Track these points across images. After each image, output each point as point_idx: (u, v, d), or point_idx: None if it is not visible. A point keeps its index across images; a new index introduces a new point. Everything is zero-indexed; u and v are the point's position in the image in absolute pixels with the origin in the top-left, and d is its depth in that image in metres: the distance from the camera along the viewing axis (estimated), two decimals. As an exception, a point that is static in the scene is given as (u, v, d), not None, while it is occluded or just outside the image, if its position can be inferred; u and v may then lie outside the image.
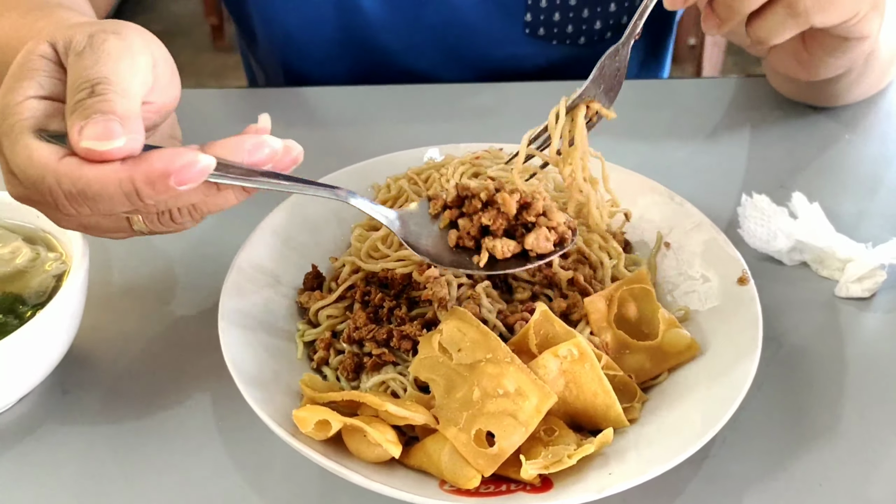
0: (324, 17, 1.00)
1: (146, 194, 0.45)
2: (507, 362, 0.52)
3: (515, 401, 0.51)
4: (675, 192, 0.70)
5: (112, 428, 0.59)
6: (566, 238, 0.58)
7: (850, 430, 0.58)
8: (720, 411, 0.52)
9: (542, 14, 0.98)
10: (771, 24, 0.62)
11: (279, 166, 0.50)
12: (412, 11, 0.99)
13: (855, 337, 0.65)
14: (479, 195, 0.58)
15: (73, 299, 0.57)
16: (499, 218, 0.57)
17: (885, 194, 0.79)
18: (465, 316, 0.56)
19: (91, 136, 0.44)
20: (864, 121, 0.89)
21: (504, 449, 0.50)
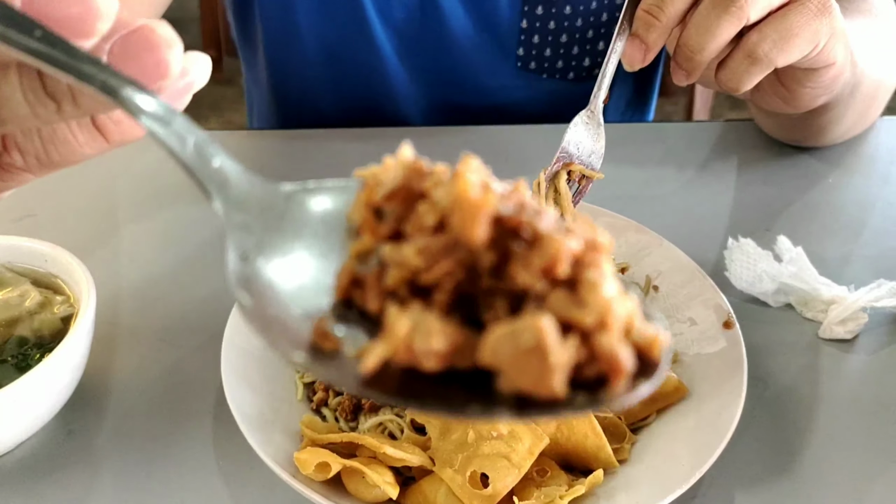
0: (337, 32, 1.02)
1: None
2: None
3: (509, 443, 0.53)
4: (662, 235, 0.72)
5: (116, 467, 0.60)
6: (614, 368, 0.28)
7: (834, 469, 0.59)
8: (707, 453, 0.54)
9: (534, 49, 1.02)
10: (736, 73, 0.64)
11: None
12: (414, 35, 1.02)
13: (838, 377, 0.67)
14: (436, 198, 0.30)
15: (81, 343, 0.59)
16: (450, 257, 0.29)
17: (867, 237, 0.81)
18: None
19: None
20: (848, 165, 0.91)
21: (498, 490, 0.51)
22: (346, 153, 0.96)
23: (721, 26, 0.61)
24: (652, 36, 0.62)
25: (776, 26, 0.62)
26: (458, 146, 0.95)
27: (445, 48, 1.02)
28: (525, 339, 0.26)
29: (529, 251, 0.28)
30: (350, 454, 0.55)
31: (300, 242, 0.34)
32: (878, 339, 0.70)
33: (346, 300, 0.31)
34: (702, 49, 0.62)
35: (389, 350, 0.27)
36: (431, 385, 0.27)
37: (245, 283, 0.31)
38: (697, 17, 0.61)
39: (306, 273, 0.33)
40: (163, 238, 0.83)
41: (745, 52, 0.63)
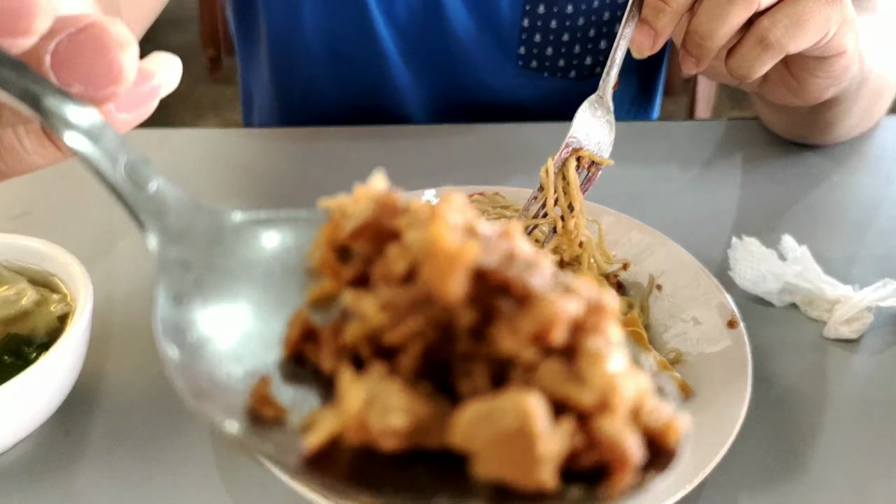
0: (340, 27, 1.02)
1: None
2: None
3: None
4: (666, 233, 0.71)
5: (113, 468, 0.60)
6: (617, 458, 0.24)
7: (839, 470, 0.59)
8: (710, 453, 0.53)
9: (536, 48, 1.01)
10: (747, 60, 0.64)
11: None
12: (416, 34, 1.02)
13: (843, 377, 0.66)
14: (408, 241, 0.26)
15: (77, 342, 0.58)
16: (419, 313, 0.24)
17: (872, 236, 0.81)
18: None
19: None
20: (853, 162, 0.91)
21: None
22: (347, 151, 0.95)
23: (732, 12, 0.60)
24: (661, 21, 0.62)
25: (787, 12, 0.61)
26: (460, 144, 0.95)
27: (447, 47, 1.02)
28: (507, 420, 0.21)
29: (518, 312, 0.23)
30: None
31: (248, 284, 0.29)
32: (884, 338, 0.69)
33: (297, 355, 0.27)
34: (712, 35, 0.62)
35: (339, 426, 0.23)
36: (391, 467, 0.23)
37: (175, 332, 0.28)
38: (708, 3, 0.61)
39: (252, 321, 0.28)
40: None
41: (756, 38, 0.62)
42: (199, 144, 0.99)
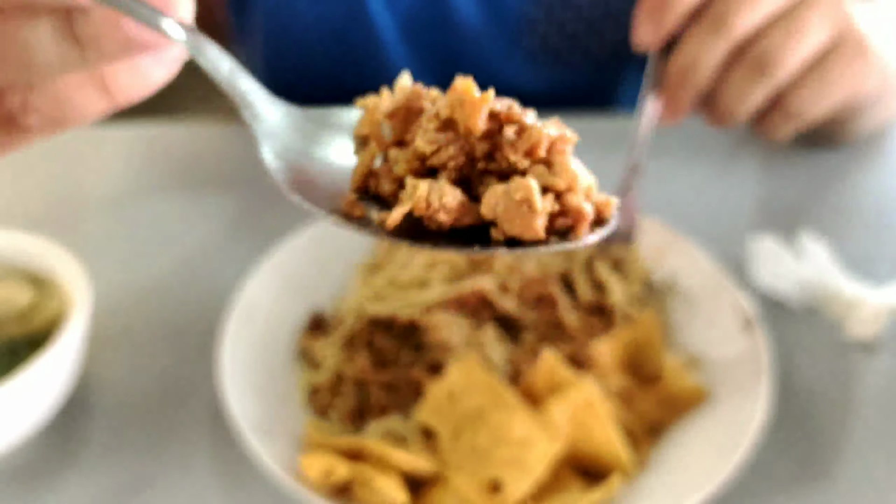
0: (338, 28, 1.01)
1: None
2: (514, 408, 0.52)
3: (523, 447, 0.50)
4: (683, 234, 0.70)
5: (112, 472, 0.58)
6: (579, 218, 0.35)
7: (863, 475, 0.57)
8: (728, 459, 0.52)
9: (543, 39, 1.00)
10: (773, 129, 0.64)
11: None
12: (420, 25, 1.00)
13: (862, 379, 0.64)
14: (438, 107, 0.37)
15: (75, 342, 0.57)
16: (453, 145, 0.35)
17: (891, 235, 0.79)
18: (472, 361, 0.56)
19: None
20: (871, 160, 0.89)
21: (511, 497, 0.49)
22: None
23: (755, 92, 0.60)
24: (686, 95, 0.61)
25: (811, 80, 0.61)
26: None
27: (453, 39, 1.01)
28: (517, 193, 0.33)
29: (517, 138, 0.35)
30: (357, 457, 0.53)
31: (317, 147, 0.40)
32: (903, 339, 0.67)
33: (362, 189, 0.37)
34: (738, 114, 0.62)
35: (411, 206, 0.33)
36: (441, 237, 0.34)
37: (280, 166, 0.38)
38: (731, 82, 0.61)
39: (326, 169, 0.39)
40: (160, 236, 0.81)
41: (782, 111, 0.62)
42: (200, 139, 0.98)
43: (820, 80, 0.60)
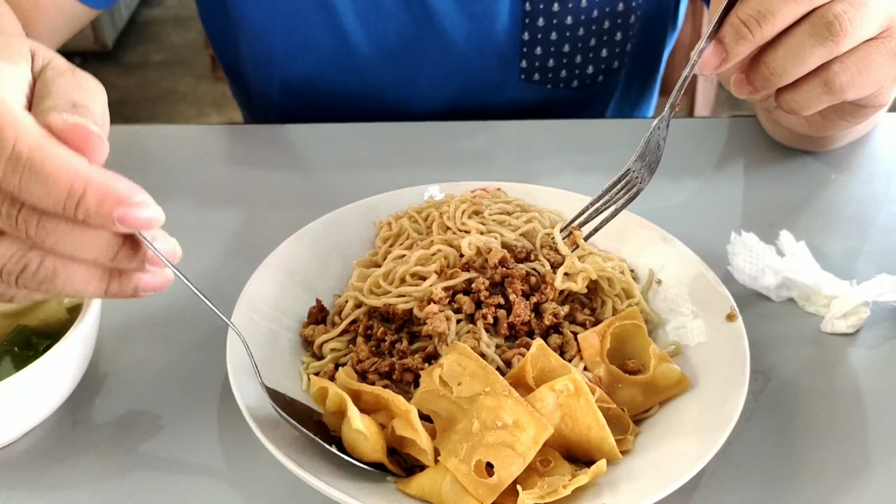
0: (323, 71, 1.03)
1: (85, 207, 0.42)
2: (506, 395, 0.55)
3: (513, 432, 0.53)
4: (666, 230, 0.72)
5: (121, 458, 0.61)
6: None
7: (834, 461, 0.60)
8: (709, 444, 0.54)
9: (537, 60, 1.02)
10: (805, 98, 0.63)
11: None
12: (412, 65, 1.02)
13: (839, 371, 0.67)
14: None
15: (86, 334, 0.59)
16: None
17: (869, 233, 0.81)
18: (465, 350, 0.58)
19: (75, 120, 0.42)
20: (851, 161, 0.92)
21: (503, 479, 0.52)
22: (351, 147, 0.96)
23: (814, 55, 0.60)
24: (739, 48, 0.60)
25: (857, 60, 0.61)
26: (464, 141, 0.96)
27: (448, 65, 1.02)
28: None
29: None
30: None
31: None
32: (880, 333, 0.70)
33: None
34: (786, 74, 0.61)
35: None
36: None
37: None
38: (790, 41, 0.60)
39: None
40: (169, 229, 0.83)
41: (822, 80, 0.62)
42: (203, 141, 1.00)
43: (863, 63, 0.61)
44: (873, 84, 0.63)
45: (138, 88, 3.38)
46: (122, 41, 3.71)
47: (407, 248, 0.70)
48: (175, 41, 3.76)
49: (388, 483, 0.55)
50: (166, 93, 3.36)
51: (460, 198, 0.75)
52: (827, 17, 0.59)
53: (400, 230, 0.73)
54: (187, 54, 3.65)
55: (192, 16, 3.87)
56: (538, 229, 0.71)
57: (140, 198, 0.44)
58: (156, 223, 0.44)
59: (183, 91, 3.37)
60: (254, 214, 0.86)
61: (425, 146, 0.96)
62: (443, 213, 0.73)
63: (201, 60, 3.55)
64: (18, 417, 0.58)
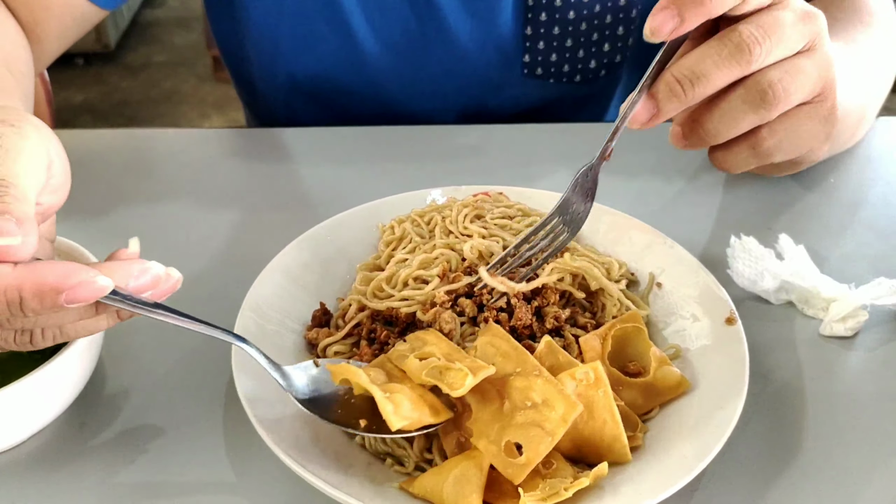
0: (328, 68, 1.04)
1: (30, 307, 0.44)
2: (536, 375, 0.55)
3: (542, 411, 0.53)
4: (667, 234, 0.73)
5: (127, 460, 0.61)
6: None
7: (833, 463, 0.60)
8: (709, 446, 0.55)
9: (540, 55, 1.02)
10: (734, 159, 0.65)
11: (157, 293, 0.50)
12: (417, 62, 1.03)
13: (838, 374, 0.68)
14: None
15: (94, 337, 0.60)
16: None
17: (867, 237, 0.82)
18: (498, 331, 0.59)
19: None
20: (850, 165, 0.92)
21: (531, 458, 0.52)
22: (354, 150, 0.97)
23: (746, 121, 0.61)
24: (671, 106, 0.60)
25: (787, 125, 0.62)
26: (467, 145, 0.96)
27: (452, 62, 1.03)
28: None
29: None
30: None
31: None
32: (878, 336, 0.71)
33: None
34: (719, 136, 0.62)
35: None
36: None
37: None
38: (725, 107, 0.61)
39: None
40: (174, 232, 0.84)
41: (750, 144, 0.63)
42: (206, 145, 1.00)
43: (791, 128, 0.63)
44: (801, 147, 0.65)
45: (140, 89, 3.39)
46: (124, 42, 3.72)
47: (410, 252, 0.71)
48: (177, 42, 3.77)
49: (392, 484, 0.56)
50: (168, 94, 3.37)
51: (462, 202, 0.75)
52: (761, 85, 0.59)
53: (403, 234, 0.74)
54: (190, 55, 3.65)
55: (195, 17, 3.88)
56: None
57: (76, 279, 0.44)
58: (103, 292, 0.46)
59: (185, 92, 3.38)
60: (257, 218, 0.87)
61: (428, 150, 0.96)
62: (445, 217, 0.73)
63: (203, 62, 3.56)
64: (27, 420, 0.59)
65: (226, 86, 3.37)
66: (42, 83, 1.22)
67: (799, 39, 0.60)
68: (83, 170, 0.93)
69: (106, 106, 3.20)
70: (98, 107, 3.20)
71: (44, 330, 0.49)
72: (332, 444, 0.58)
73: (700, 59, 0.58)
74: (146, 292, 0.50)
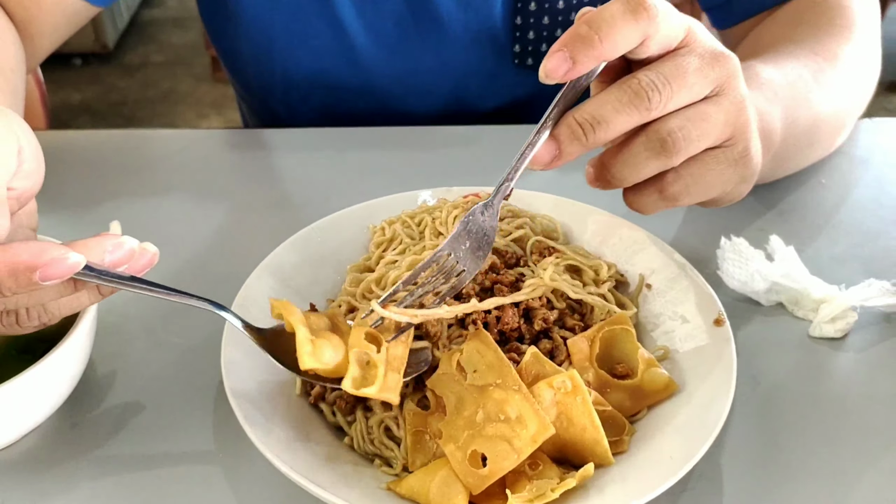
0: (323, 65, 1.04)
1: (6, 286, 0.46)
2: (514, 390, 0.55)
3: (514, 428, 0.54)
4: (655, 233, 0.73)
5: (118, 460, 0.62)
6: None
7: (821, 464, 0.61)
8: (695, 447, 0.55)
9: (530, 45, 1.03)
10: (644, 202, 0.64)
11: (135, 267, 0.51)
12: (410, 55, 1.03)
13: (827, 375, 0.68)
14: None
15: (85, 337, 0.60)
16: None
17: (857, 238, 0.82)
18: (486, 339, 0.59)
19: None
20: (841, 167, 0.93)
21: (493, 471, 0.53)
22: (347, 151, 0.97)
23: (648, 167, 0.61)
24: (572, 148, 0.59)
25: (693, 171, 0.62)
26: (458, 146, 0.97)
27: (445, 55, 1.04)
28: None
29: None
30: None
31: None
32: (868, 337, 0.71)
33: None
34: (625, 181, 0.62)
35: None
36: None
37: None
38: (627, 153, 0.61)
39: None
40: (166, 233, 0.84)
41: (657, 188, 0.63)
42: (200, 145, 1.01)
43: (698, 173, 0.62)
44: (710, 191, 0.64)
45: (138, 89, 3.39)
46: (122, 42, 3.72)
47: (399, 254, 0.71)
48: (175, 42, 3.77)
49: (380, 485, 0.56)
50: (166, 94, 3.38)
51: (453, 203, 0.75)
52: (661, 133, 0.59)
53: (393, 235, 0.74)
54: (187, 55, 3.66)
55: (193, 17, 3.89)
56: (529, 235, 0.72)
57: (48, 256, 0.46)
58: (76, 268, 0.47)
59: (183, 92, 3.38)
60: (248, 218, 0.87)
61: (419, 151, 0.96)
62: (435, 219, 0.73)
63: (201, 61, 3.56)
64: (18, 419, 0.59)
65: (224, 86, 3.37)
66: (36, 82, 1.22)
67: (705, 85, 0.59)
68: (81, 169, 0.94)
69: (104, 106, 3.21)
70: (96, 107, 3.21)
71: (28, 310, 0.51)
72: (320, 445, 0.58)
73: (601, 105, 0.58)
74: (122, 266, 0.51)
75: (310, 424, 0.60)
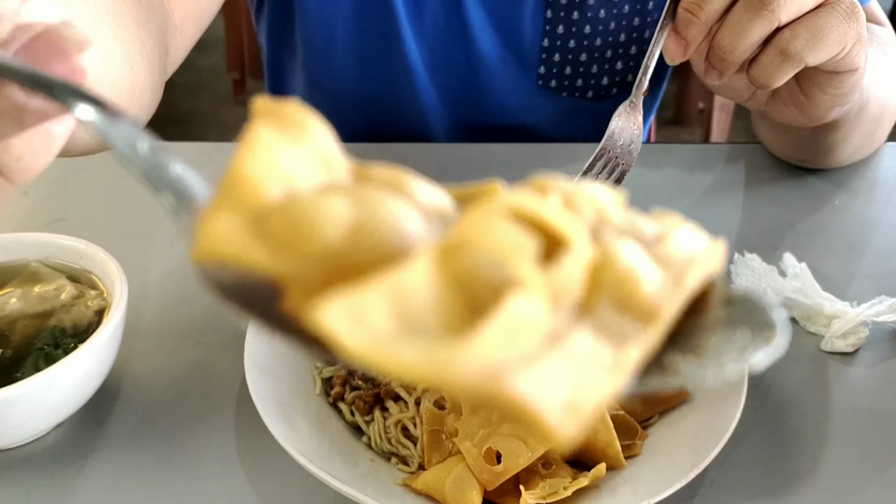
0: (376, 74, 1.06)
1: None
2: None
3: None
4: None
5: (142, 457, 0.63)
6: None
7: (830, 476, 0.62)
8: (705, 452, 0.56)
9: (555, 67, 1.05)
10: (768, 70, 0.67)
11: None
12: (442, 52, 1.05)
13: (838, 389, 0.69)
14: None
15: (112, 334, 0.62)
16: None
17: (870, 257, 0.83)
18: None
19: None
20: (853, 186, 0.94)
21: (508, 468, 0.54)
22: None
23: (753, 28, 0.64)
24: (691, 32, 0.66)
25: (808, 25, 0.65)
26: (476, 163, 0.99)
27: (471, 65, 1.05)
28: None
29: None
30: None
31: None
32: (878, 352, 0.72)
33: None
34: (734, 49, 0.66)
35: None
36: None
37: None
38: (731, 19, 0.65)
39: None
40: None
41: (777, 49, 0.66)
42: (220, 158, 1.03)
43: (814, 27, 0.65)
44: (832, 45, 0.66)
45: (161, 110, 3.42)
46: (146, 64, 3.77)
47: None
48: (197, 65, 3.82)
49: (395, 481, 0.57)
50: (188, 115, 3.42)
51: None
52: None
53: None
54: (209, 78, 3.71)
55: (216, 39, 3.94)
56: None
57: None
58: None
59: (205, 113, 3.43)
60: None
61: (438, 167, 0.98)
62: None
63: (223, 85, 3.61)
64: (44, 414, 0.61)
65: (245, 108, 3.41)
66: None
67: None
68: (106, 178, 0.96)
69: (127, 126, 3.24)
70: (119, 126, 3.24)
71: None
72: (337, 443, 0.60)
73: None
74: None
75: (329, 423, 0.62)
